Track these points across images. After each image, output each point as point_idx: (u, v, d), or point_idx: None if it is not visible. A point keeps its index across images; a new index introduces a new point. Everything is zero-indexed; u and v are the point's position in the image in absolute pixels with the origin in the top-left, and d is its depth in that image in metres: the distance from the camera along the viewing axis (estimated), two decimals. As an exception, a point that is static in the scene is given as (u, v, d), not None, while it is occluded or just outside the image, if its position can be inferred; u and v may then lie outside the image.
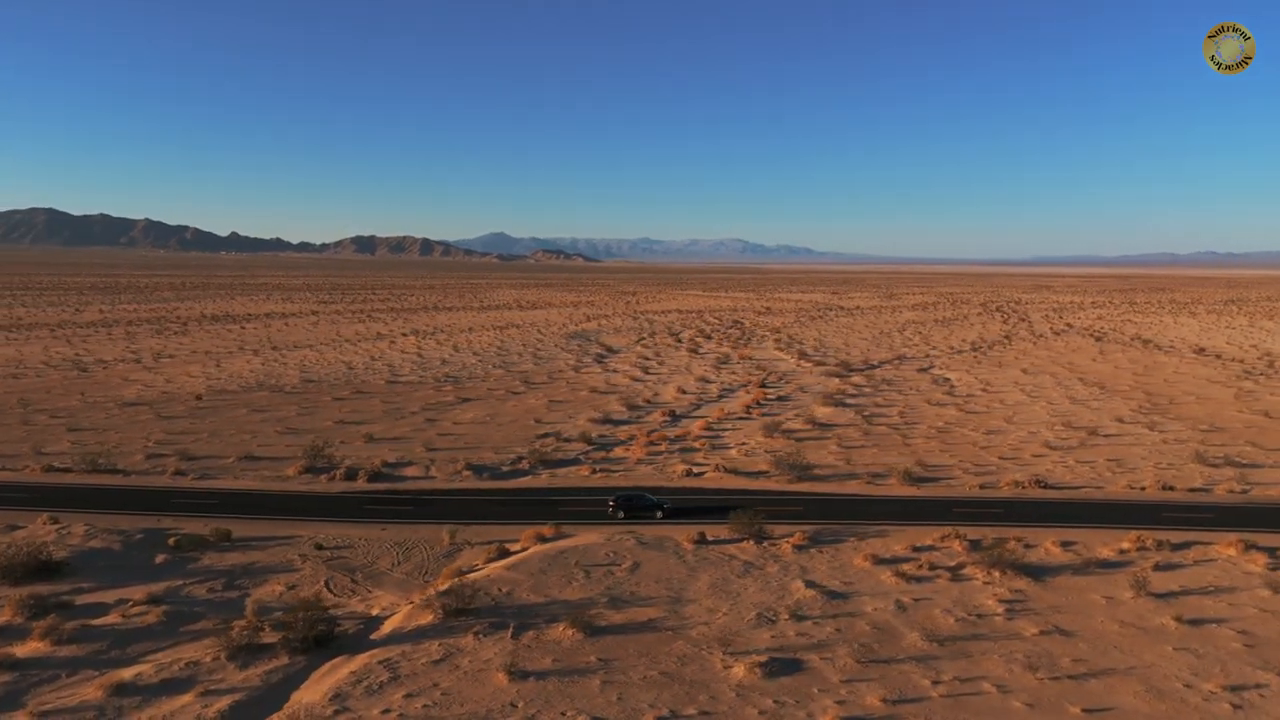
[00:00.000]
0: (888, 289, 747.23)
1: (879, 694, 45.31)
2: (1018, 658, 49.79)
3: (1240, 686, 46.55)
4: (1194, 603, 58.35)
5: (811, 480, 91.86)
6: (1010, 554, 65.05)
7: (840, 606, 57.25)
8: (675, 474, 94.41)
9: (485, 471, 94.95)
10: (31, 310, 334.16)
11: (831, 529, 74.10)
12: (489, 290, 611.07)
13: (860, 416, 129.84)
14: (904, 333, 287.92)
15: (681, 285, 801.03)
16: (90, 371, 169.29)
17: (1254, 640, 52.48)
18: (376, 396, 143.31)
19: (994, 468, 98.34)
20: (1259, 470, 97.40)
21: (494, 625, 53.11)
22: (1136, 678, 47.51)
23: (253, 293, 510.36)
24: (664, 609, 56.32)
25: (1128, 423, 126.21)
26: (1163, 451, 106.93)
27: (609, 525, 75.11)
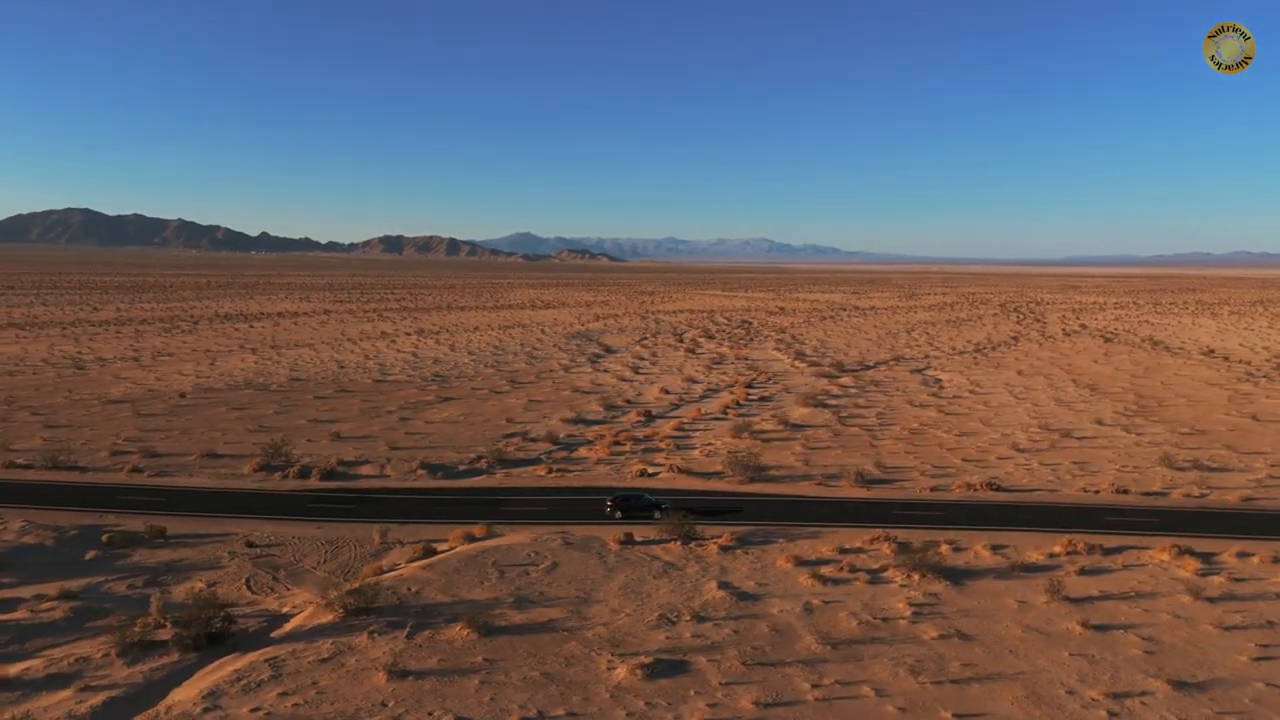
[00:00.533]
0: (910, 289, 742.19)
1: (754, 697, 45.13)
2: (907, 661, 49.40)
3: (1125, 694, 45.93)
4: (1108, 608, 57.61)
5: (764, 481, 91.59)
6: (932, 557, 64.56)
7: (747, 608, 57.03)
8: (630, 474, 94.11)
9: (440, 471, 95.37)
10: (51, 309, 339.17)
11: (765, 530, 73.89)
12: (507, 290, 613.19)
13: (836, 418, 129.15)
14: (911, 333, 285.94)
15: (702, 285, 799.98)
16: (86, 369, 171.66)
17: (1156, 647, 51.76)
18: (359, 395, 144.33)
19: (954, 470, 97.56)
20: (1225, 474, 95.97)
21: (392, 625, 53.35)
22: (1021, 683, 47.00)
23: (273, 292, 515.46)
24: (568, 610, 56.35)
25: (1107, 425, 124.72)
26: (1132, 454, 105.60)
27: (544, 525, 75.29)
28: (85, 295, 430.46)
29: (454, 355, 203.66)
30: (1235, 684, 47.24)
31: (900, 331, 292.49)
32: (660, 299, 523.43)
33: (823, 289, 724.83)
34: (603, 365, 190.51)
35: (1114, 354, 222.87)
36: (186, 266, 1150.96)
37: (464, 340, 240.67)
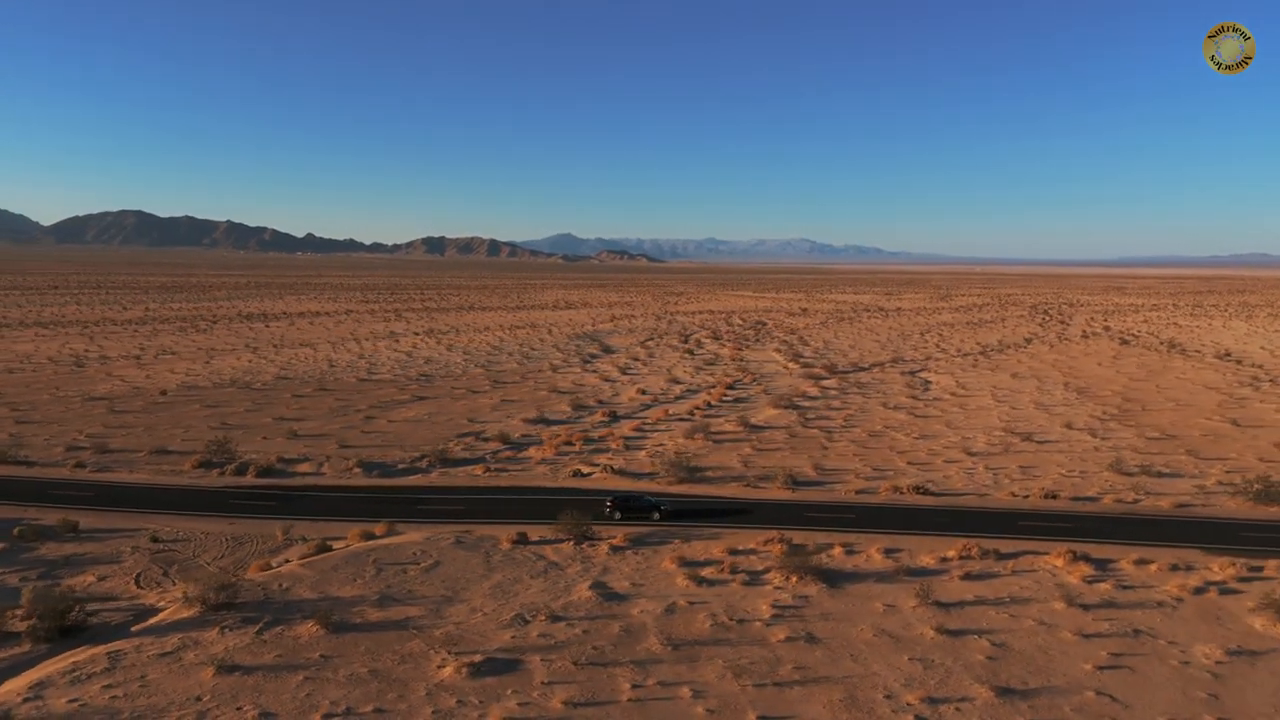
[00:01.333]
0: (946, 290, 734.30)
1: (568, 696, 45.41)
2: (740, 663, 49.36)
3: (944, 700, 45.58)
4: (974, 613, 57.02)
5: (696, 483, 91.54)
6: (814, 560, 64.30)
7: (610, 609, 57.25)
8: (564, 475, 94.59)
9: (376, 469, 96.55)
10: (83, 308, 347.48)
11: (667, 531, 73.89)
12: (537, 291, 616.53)
13: (801, 419, 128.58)
14: (925, 335, 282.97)
15: (734, 286, 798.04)
16: (85, 366, 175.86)
17: (1001, 654, 51.20)
18: (336, 394, 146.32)
19: (893, 472, 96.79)
20: (1172, 480, 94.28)
21: (247, 620, 54.30)
22: (844, 687, 46.78)
23: (307, 292, 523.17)
24: (428, 608, 56.94)
25: (1076, 429, 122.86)
26: (1086, 459, 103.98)
27: (452, 524, 75.97)
28: (121, 295, 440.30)
29: (449, 355, 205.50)
30: (1063, 692, 46.56)
31: (914, 333, 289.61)
32: (687, 300, 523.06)
33: (856, 290, 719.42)
34: (594, 366, 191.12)
35: (1124, 356, 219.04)
36: (232, 267, 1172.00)
37: (466, 341, 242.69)
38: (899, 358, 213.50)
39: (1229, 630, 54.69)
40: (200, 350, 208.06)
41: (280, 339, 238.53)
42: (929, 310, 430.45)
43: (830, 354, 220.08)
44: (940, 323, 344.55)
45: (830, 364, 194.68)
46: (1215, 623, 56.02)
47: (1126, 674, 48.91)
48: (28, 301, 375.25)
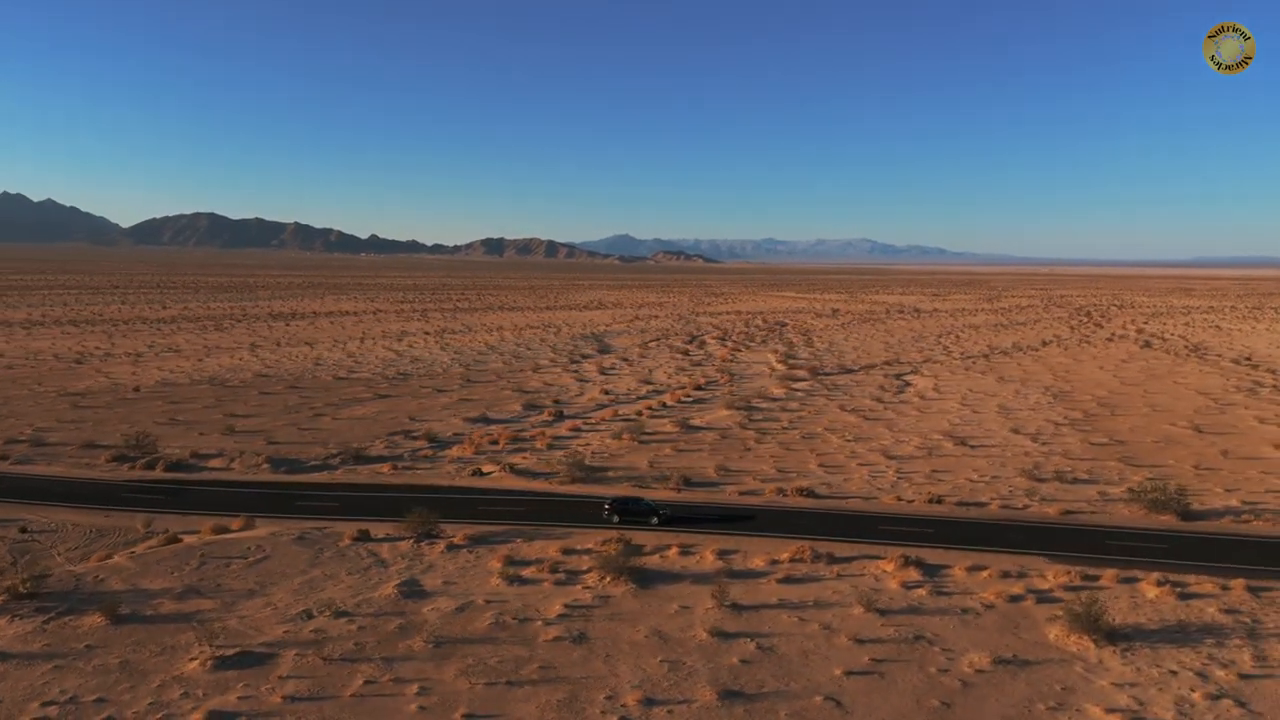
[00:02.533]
0: (999, 291, 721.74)
1: (292, 691, 46.21)
2: (488, 663, 49.81)
3: (663, 702, 45.51)
4: (765, 616, 56.69)
5: (592, 483, 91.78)
6: (634, 561, 64.21)
7: (402, 606, 57.92)
8: (465, 474, 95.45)
9: (284, 466, 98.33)
10: (124, 307, 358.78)
11: (520, 530, 74.40)
12: (577, 291, 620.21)
13: (746, 421, 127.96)
14: (943, 337, 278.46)
15: (781, 286, 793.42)
16: (84, 363, 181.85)
17: (762, 657, 50.96)
18: (301, 392, 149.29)
19: (795, 474, 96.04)
20: (1082, 487, 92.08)
21: (41, 610, 56.15)
22: (573, 687, 46.95)
23: (351, 292, 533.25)
24: (226, 602, 58.21)
25: (1022, 433, 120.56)
26: (1007, 464, 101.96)
27: (316, 520, 76.85)
28: (169, 295, 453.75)
29: (439, 355, 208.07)
30: (792, 697, 46.14)
31: (932, 335, 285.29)
32: (725, 301, 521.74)
33: (905, 291, 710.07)
34: (578, 366, 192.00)
35: (1134, 360, 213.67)
36: (295, 267, 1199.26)
37: (468, 341, 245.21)
38: (897, 359, 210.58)
39: (1016, 640, 53.55)
40: (205, 348, 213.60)
41: (289, 338, 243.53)
42: (967, 312, 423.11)
43: (828, 355, 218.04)
44: (968, 324, 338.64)
45: (817, 366, 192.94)
46: (1008, 632, 54.79)
47: (873, 680, 48.14)
48: (76, 300, 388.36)
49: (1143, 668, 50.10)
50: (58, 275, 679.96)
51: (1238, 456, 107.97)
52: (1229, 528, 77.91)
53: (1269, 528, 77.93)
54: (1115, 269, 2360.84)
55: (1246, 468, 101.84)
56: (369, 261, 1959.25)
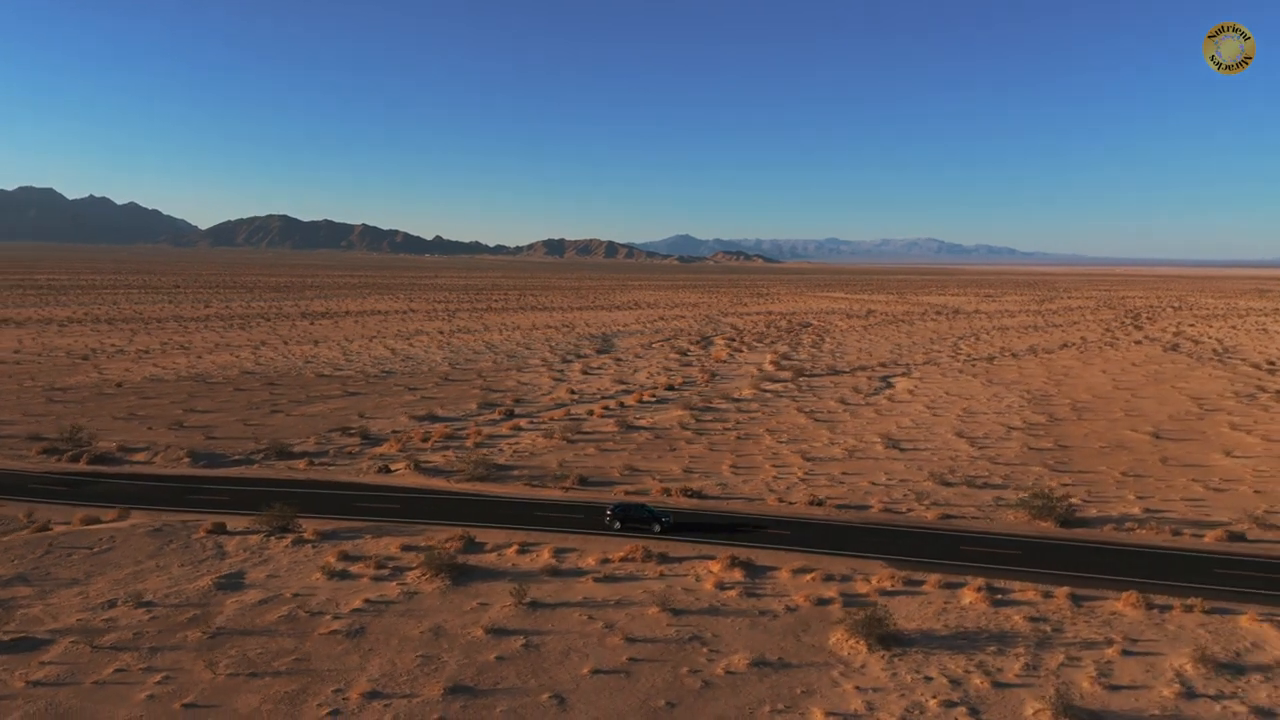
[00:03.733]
0: (1056, 293, 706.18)
1: (41, 675, 48.14)
2: (248, 654, 51.16)
3: (387, 695, 46.45)
4: (555, 615, 57.29)
5: (491, 482, 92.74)
6: (458, 559, 65.04)
7: (209, 598, 59.67)
8: (370, 471, 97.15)
9: (204, 460, 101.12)
10: (167, 306, 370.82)
11: (380, 526, 75.61)
12: (618, 292, 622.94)
13: (695, 420, 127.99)
14: (963, 339, 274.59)
15: (830, 287, 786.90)
16: (89, 359, 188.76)
17: (519, 655, 51.74)
18: (273, 389, 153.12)
19: (699, 476, 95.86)
20: (982, 492, 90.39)
21: None
22: (314, 679, 48.13)
23: (397, 291, 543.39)
24: (44, 590, 60.68)
25: (964, 437, 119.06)
26: (923, 469, 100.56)
27: (185, 513, 78.90)
28: (220, 294, 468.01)
29: (434, 354, 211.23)
30: (521, 694, 47.02)
31: (953, 337, 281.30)
32: (766, 301, 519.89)
33: (957, 292, 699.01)
34: (563, 366, 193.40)
35: (1148, 363, 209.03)
36: (358, 268, 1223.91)
37: (472, 340, 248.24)
38: (895, 361, 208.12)
39: (793, 643, 53.63)
40: (214, 345, 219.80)
41: (302, 336, 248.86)
42: (1008, 314, 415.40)
43: (827, 357, 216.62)
44: (1000, 326, 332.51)
45: (807, 367, 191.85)
46: (791, 635, 54.63)
47: (617, 680, 48.54)
48: (127, 299, 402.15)
49: (900, 673, 49.39)
50: (128, 275, 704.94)
51: (1177, 464, 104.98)
52: (1105, 535, 76.10)
53: (1148, 536, 75.80)
54: (1195, 270, 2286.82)
55: (1177, 475, 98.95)
56: (432, 262, 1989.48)
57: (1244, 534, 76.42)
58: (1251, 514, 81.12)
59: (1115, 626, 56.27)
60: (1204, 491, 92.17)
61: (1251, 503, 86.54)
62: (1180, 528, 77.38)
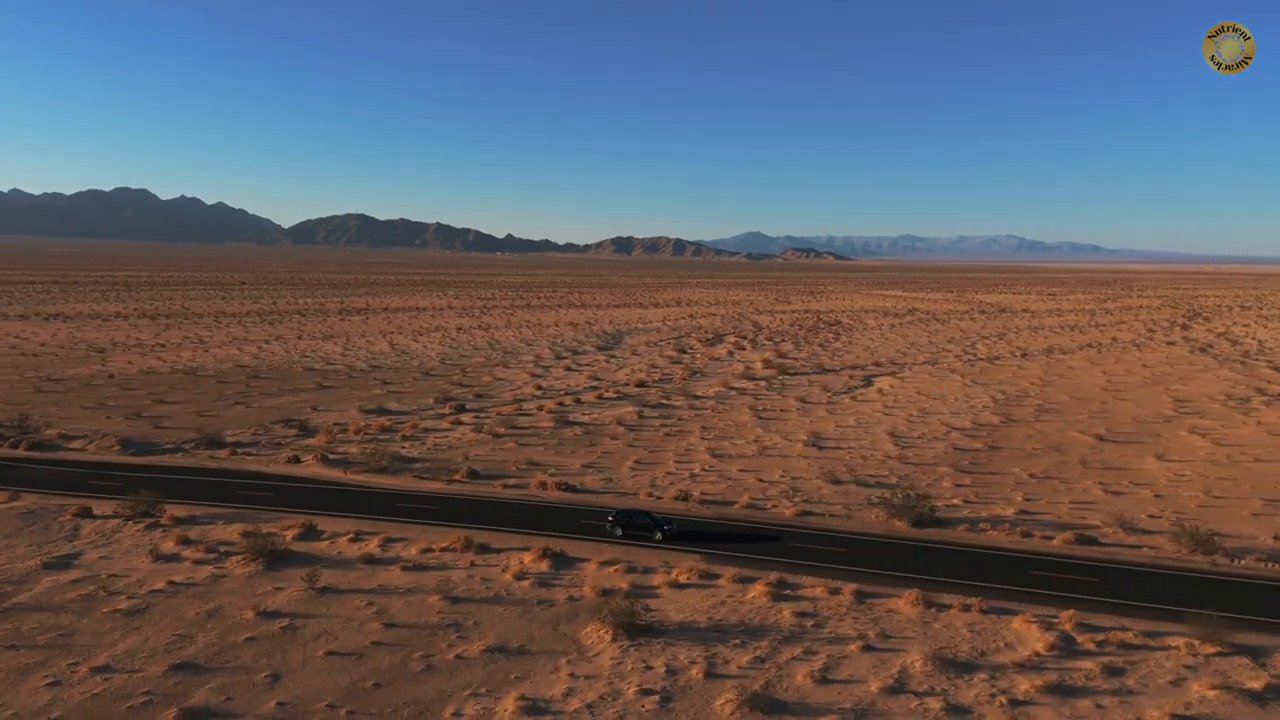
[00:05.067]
0: (1125, 291, 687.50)
1: None
2: (23, 629, 54.64)
3: (116, 670, 49.19)
4: (338, 600, 59.86)
5: (387, 474, 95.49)
6: (281, 544, 67.82)
7: (30, 576, 63.60)
8: (281, 461, 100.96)
9: (133, 448, 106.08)
10: (216, 302, 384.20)
11: (238, 513, 78.82)
12: (666, 289, 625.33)
13: (637, 417, 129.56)
14: (984, 339, 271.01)
15: (887, 285, 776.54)
16: (107, 352, 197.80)
17: (271, 636, 54.24)
18: (255, 382, 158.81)
19: (594, 471, 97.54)
20: (865, 489, 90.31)
21: None
22: (60, 652, 51.27)
23: (448, 289, 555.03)
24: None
25: (895, 435, 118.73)
26: (824, 467, 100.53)
27: (74, 497, 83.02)
28: (274, 290, 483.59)
29: (431, 350, 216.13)
30: (239, 671, 49.17)
31: (972, 336, 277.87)
32: (813, 299, 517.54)
33: (1020, 290, 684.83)
34: (551, 363, 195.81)
35: (1162, 364, 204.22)
36: (427, 265, 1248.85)
37: (478, 337, 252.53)
38: (892, 361, 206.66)
39: (546, 631, 55.48)
40: (230, 340, 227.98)
41: (323, 333, 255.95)
42: (1056, 313, 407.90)
43: (830, 355, 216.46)
44: (1036, 326, 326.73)
45: (794, 365, 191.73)
46: (550, 624, 56.53)
47: (340, 660, 50.44)
48: (184, 295, 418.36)
49: (625, 662, 50.62)
50: (203, 272, 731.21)
51: (1098, 466, 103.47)
52: (953, 536, 75.76)
53: (997, 538, 75.34)
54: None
55: (1087, 479, 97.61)
56: (500, 260, 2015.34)
57: (1098, 538, 75.10)
58: (1120, 518, 79.61)
59: (880, 623, 56.44)
60: (1101, 495, 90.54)
61: (1144, 507, 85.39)
62: (1038, 530, 76.49)
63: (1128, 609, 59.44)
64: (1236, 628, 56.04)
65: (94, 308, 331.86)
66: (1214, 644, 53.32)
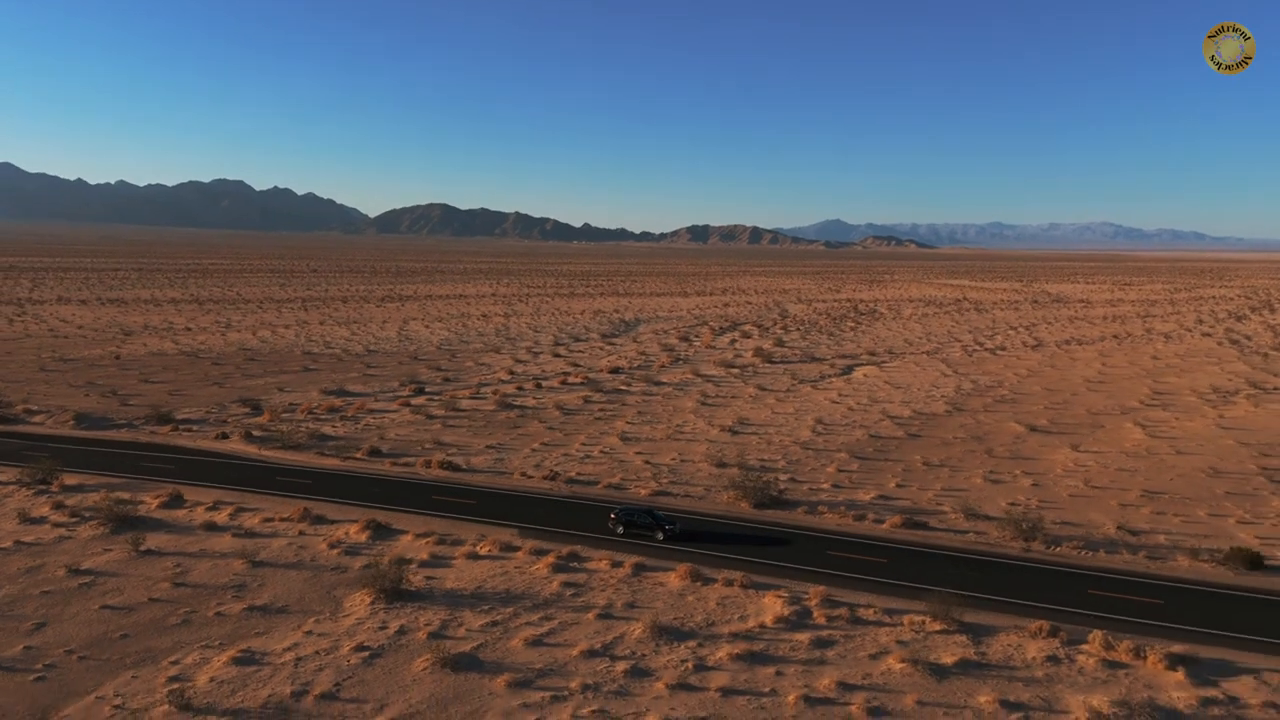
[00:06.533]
0: (1209, 280, 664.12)
1: None
2: None
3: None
4: (152, 561, 64.92)
5: (299, 451, 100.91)
6: (120, 509, 73.37)
7: (-94, 533, 70.12)
8: (209, 437, 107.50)
9: (87, 423, 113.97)
10: (272, 288, 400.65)
11: (135, 483, 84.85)
12: (723, 278, 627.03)
13: (581, 401, 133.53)
14: (1013, 330, 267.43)
15: (957, 274, 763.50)
16: (133, 335, 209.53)
17: (68, 590, 59.33)
18: (250, 364, 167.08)
19: (494, 451, 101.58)
20: (751, 472, 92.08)
21: None
22: None
23: (510, 277, 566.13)
24: None
25: (825, 423, 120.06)
26: (722, 451, 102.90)
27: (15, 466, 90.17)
28: (330, 278, 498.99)
29: (433, 336, 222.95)
30: (13, 619, 54.46)
31: (1003, 327, 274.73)
32: (872, 287, 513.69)
33: (1094, 280, 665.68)
34: (551, 349, 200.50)
35: (1175, 356, 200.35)
36: (501, 254, 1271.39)
37: (491, 323, 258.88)
38: (891, 350, 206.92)
39: (320, 595, 59.45)
40: (254, 325, 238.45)
41: (349, 319, 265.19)
42: (1110, 303, 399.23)
43: (832, 343, 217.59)
44: (1075, 316, 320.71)
45: (783, 355, 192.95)
46: (327, 589, 60.36)
47: (109, 614, 55.60)
48: (245, 283, 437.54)
49: (366, 622, 54.59)
50: (282, 261, 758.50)
51: (1004, 457, 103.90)
52: (785, 517, 77.71)
53: (830, 520, 77.05)
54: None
55: (980, 467, 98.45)
56: (575, 249, 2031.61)
57: (928, 523, 76.38)
58: (968, 505, 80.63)
59: (638, 594, 59.32)
60: (979, 483, 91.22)
61: (1011, 495, 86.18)
62: (877, 514, 77.96)
63: (886, 587, 60.98)
64: (980, 608, 57.23)
65: (154, 293, 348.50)
66: (943, 622, 54.61)
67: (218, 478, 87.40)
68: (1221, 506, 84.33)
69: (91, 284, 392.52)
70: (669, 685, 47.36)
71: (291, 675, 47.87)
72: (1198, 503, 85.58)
